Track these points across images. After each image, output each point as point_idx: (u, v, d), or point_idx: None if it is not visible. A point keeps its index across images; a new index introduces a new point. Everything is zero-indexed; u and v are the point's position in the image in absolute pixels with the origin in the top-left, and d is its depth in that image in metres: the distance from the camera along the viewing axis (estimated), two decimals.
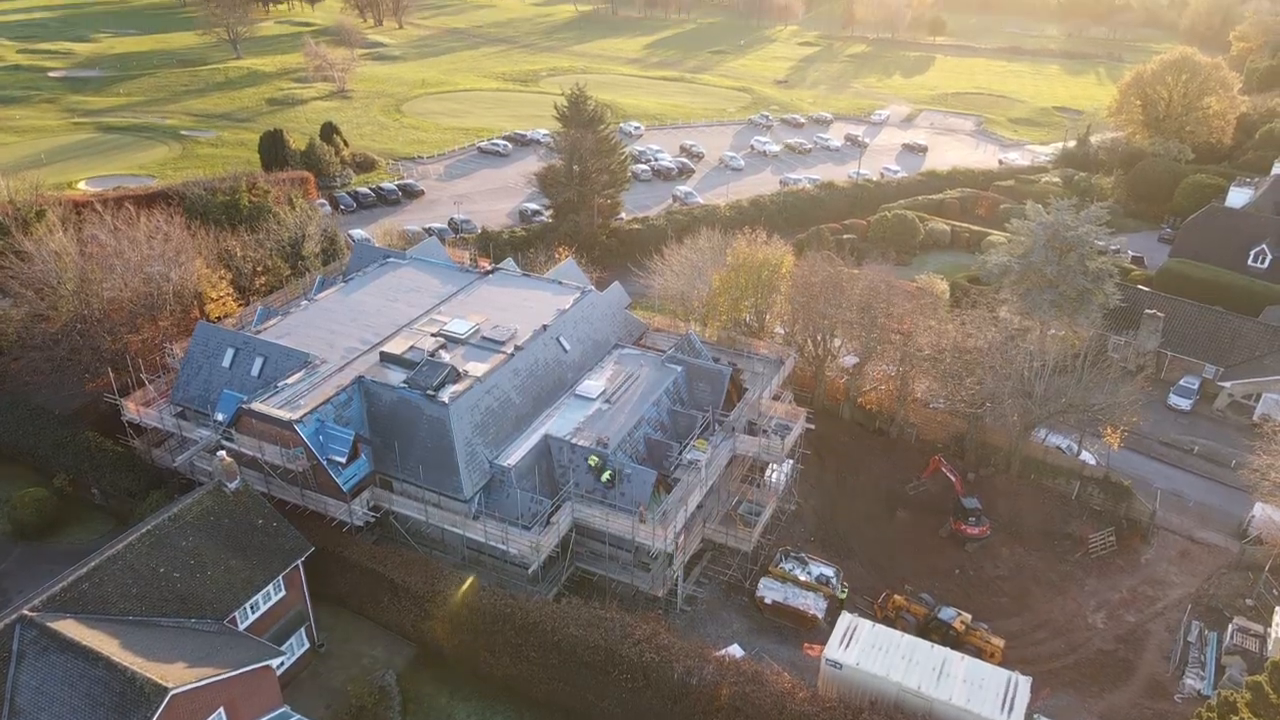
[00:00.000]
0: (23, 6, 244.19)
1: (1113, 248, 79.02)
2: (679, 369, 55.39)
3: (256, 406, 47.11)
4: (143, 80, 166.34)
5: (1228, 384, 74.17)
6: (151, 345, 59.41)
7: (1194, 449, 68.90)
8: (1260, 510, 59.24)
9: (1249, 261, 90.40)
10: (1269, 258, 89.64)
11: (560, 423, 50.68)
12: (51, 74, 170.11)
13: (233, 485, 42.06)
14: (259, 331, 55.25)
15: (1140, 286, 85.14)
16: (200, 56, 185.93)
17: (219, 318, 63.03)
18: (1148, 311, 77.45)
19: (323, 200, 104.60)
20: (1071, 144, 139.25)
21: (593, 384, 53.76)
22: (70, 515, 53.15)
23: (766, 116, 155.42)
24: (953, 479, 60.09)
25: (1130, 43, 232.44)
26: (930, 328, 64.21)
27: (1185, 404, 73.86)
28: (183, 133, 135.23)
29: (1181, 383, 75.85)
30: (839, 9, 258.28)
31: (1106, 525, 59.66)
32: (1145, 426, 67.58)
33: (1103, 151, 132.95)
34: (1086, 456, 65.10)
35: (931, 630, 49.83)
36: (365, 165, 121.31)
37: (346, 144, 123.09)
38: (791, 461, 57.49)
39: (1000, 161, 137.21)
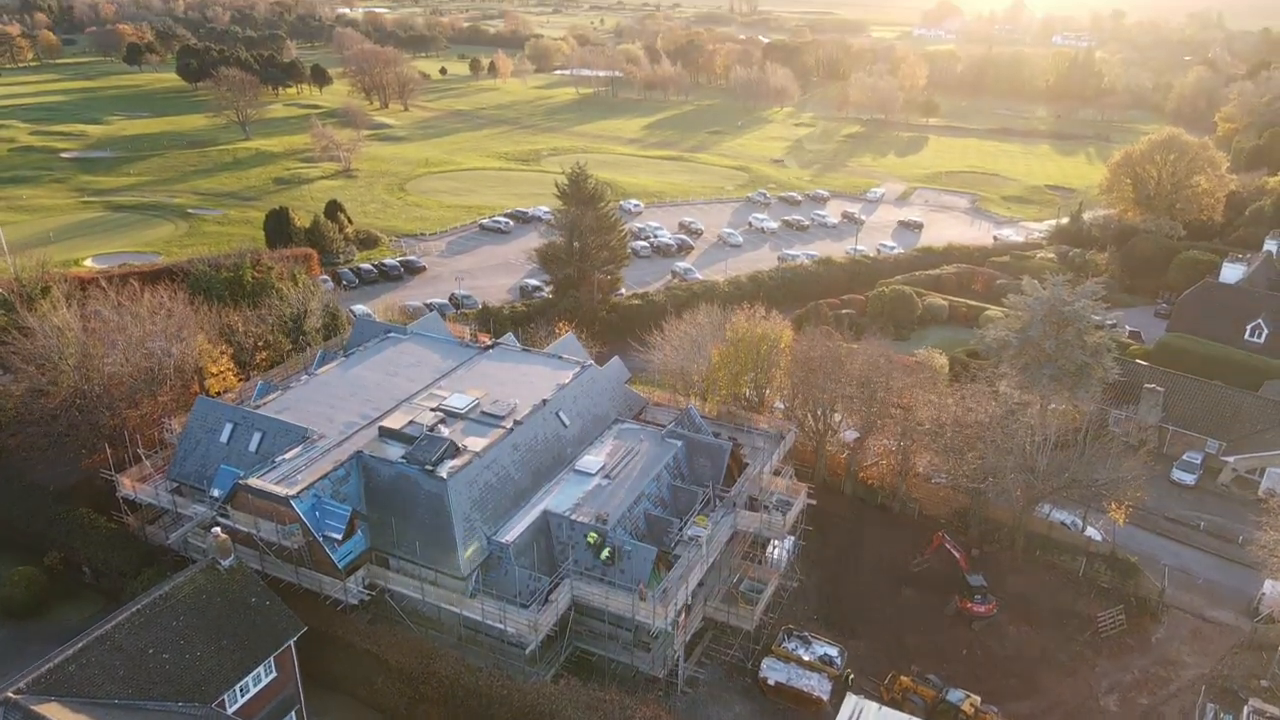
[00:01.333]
0: (38, 90, 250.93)
1: (1109, 322, 79.49)
2: (679, 444, 55.12)
3: (253, 482, 46.73)
4: (153, 160, 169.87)
5: (1231, 459, 73.73)
6: (150, 420, 59.25)
7: (1200, 525, 68.07)
8: (1271, 588, 58.17)
9: (1246, 336, 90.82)
10: (1265, 332, 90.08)
11: (559, 498, 50.20)
12: (63, 155, 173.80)
13: (226, 563, 41.41)
14: (258, 406, 55.17)
15: (1139, 361, 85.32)
16: (210, 138, 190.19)
17: (219, 392, 63.03)
18: (1147, 386, 77.46)
19: (325, 276, 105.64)
20: (1064, 221, 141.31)
21: (592, 459, 53.43)
22: (61, 594, 52.23)
23: (764, 194, 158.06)
24: (957, 555, 59.22)
25: (1117, 124, 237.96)
26: (930, 402, 64.10)
27: (1189, 479, 73.25)
28: (190, 211, 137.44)
29: (1185, 458, 75.38)
30: (833, 92, 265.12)
31: (1115, 603, 58.51)
32: (1150, 502, 66.84)
33: (1095, 228, 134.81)
34: (1092, 533, 64.25)
35: (940, 713, 48.43)
36: (368, 242, 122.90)
37: (350, 221, 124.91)
38: (793, 538, 56.70)
39: (995, 238, 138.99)
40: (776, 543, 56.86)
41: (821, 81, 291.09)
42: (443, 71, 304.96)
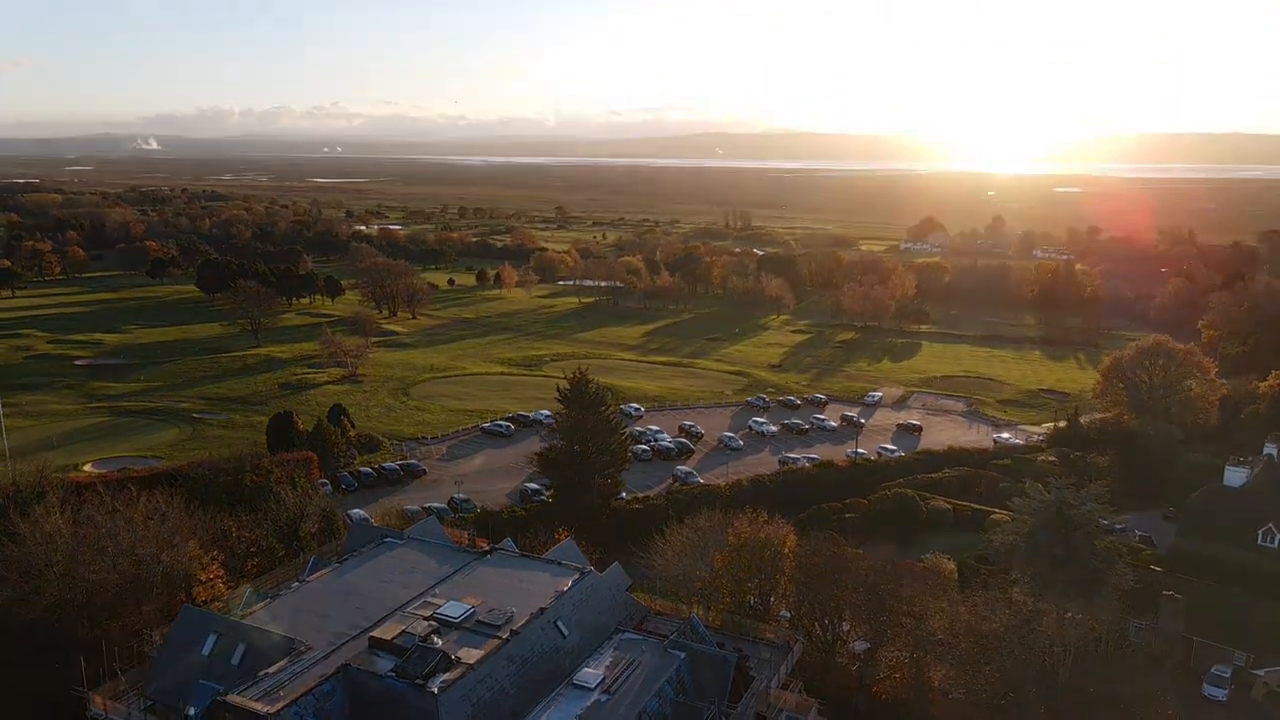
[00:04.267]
0: (61, 301, 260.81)
1: (1118, 527, 78.27)
2: (681, 656, 52.69)
3: (232, 699, 44.21)
4: (164, 367, 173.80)
5: (1261, 672, 70.24)
6: (131, 631, 56.99)
7: None
8: None
9: (1258, 541, 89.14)
10: (1278, 537, 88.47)
11: (557, 715, 47.35)
12: (77, 362, 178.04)
13: None
14: (246, 615, 53.22)
15: (1153, 567, 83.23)
16: (222, 345, 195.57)
17: (205, 601, 61.02)
18: (1165, 594, 75.08)
19: (324, 480, 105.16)
20: (1063, 424, 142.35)
21: (591, 672, 50.90)
22: None
23: (763, 398, 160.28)
24: None
25: (1104, 330, 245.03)
26: (941, 610, 61.93)
27: (1220, 694, 69.46)
28: (195, 416, 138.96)
29: (1214, 671, 71.83)
30: (827, 300, 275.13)
31: None
32: None
33: (1094, 431, 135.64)
34: None
35: None
36: (370, 446, 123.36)
37: (353, 426, 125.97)
38: None
39: (995, 441, 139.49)
40: None
41: (815, 291, 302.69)
42: (451, 282, 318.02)
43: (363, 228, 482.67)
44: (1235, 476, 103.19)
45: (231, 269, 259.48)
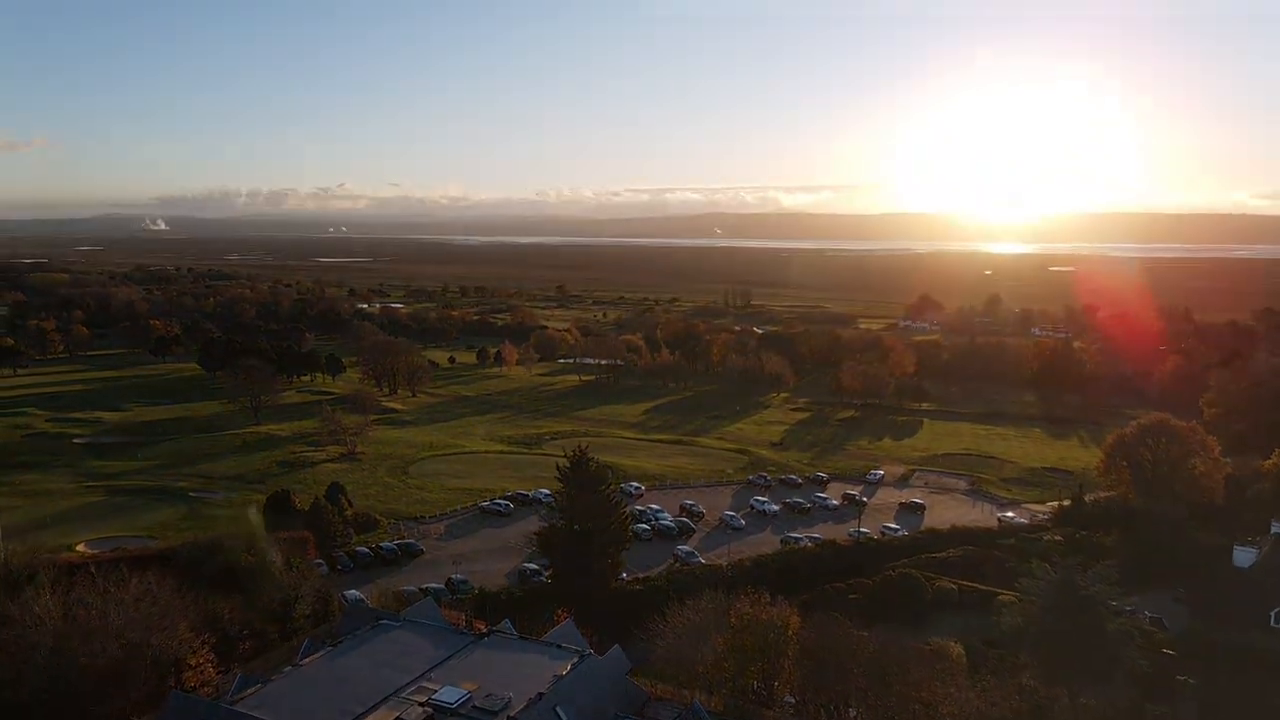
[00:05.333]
0: (63, 379, 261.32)
1: (1128, 609, 76.80)
2: None
3: None
4: (162, 446, 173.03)
5: None
6: (119, 718, 55.40)
7: None
8: None
9: (1271, 623, 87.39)
10: None
11: None
12: (75, 440, 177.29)
13: None
14: (236, 701, 51.82)
15: (1166, 651, 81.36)
16: (222, 423, 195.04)
17: (195, 686, 59.52)
18: (1179, 678, 73.27)
19: (320, 560, 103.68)
20: (1067, 503, 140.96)
21: None
22: None
23: (764, 477, 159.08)
24: None
25: (1105, 407, 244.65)
26: (950, 696, 60.28)
27: None
28: (191, 494, 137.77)
29: None
30: (827, 377, 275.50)
31: None
32: None
33: (1099, 510, 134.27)
34: None
35: None
36: (367, 525, 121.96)
37: (351, 504, 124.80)
38: None
39: (999, 520, 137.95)
40: None
41: (814, 368, 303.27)
42: (451, 360, 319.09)
43: (365, 306, 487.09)
44: (1244, 557, 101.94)
45: (234, 347, 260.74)
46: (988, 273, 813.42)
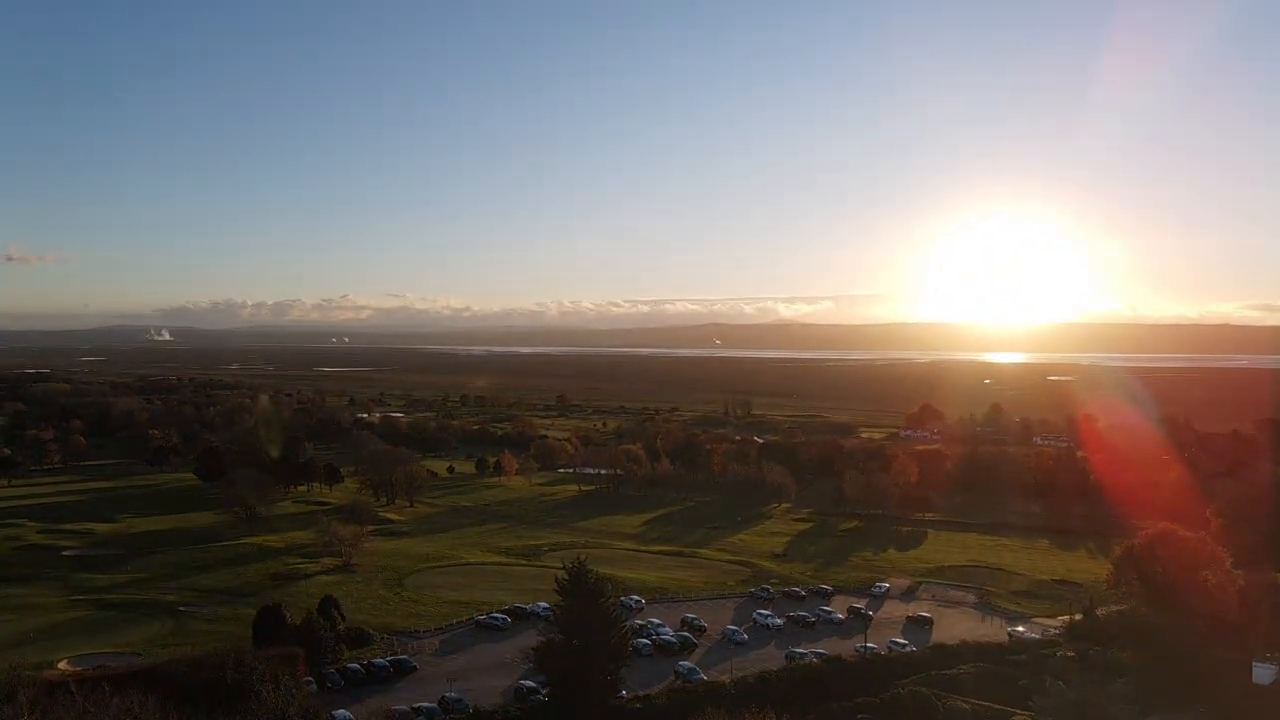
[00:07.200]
0: (57, 490, 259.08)
1: None
2: None
3: None
4: (153, 558, 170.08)
5: None
6: None
7: None
8: None
9: None
10: None
11: None
12: (65, 553, 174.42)
13: None
14: None
15: None
16: (215, 534, 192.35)
17: None
18: None
19: (309, 678, 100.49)
20: (1079, 617, 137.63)
21: None
22: None
23: (767, 590, 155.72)
24: None
25: (1110, 517, 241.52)
26: None
27: None
28: (180, 609, 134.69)
29: None
30: (829, 487, 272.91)
31: None
32: None
33: (1111, 624, 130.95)
34: None
35: None
36: (360, 640, 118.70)
37: (344, 618, 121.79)
38: None
39: (1010, 635, 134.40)
40: None
41: (816, 478, 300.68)
42: (450, 470, 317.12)
43: (365, 415, 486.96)
44: (1264, 674, 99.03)
45: (231, 456, 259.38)
46: (987, 381, 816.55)
